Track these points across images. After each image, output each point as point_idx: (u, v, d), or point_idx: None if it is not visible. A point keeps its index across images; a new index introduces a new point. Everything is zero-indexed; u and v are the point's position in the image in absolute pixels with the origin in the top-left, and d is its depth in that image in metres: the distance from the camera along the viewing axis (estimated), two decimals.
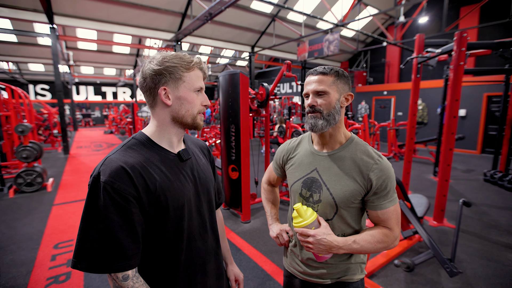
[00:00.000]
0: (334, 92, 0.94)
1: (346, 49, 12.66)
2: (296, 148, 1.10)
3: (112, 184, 0.68)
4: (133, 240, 0.71)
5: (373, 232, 0.92)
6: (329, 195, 0.94)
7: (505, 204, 4.08)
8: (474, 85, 8.12)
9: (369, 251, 0.91)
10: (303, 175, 1.02)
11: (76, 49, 13.34)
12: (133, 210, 0.71)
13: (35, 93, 17.92)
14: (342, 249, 0.88)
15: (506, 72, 5.05)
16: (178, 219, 0.79)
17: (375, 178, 0.89)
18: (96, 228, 0.68)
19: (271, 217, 1.20)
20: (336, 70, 0.95)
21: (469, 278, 2.32)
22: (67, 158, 7.83)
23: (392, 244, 0.92)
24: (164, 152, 0.82)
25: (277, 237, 1.11)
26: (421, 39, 3.93)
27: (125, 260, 0.69)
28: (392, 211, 0.91)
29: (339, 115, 0.95)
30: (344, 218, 0.95)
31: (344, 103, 0.97)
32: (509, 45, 3.43)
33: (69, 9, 7.89)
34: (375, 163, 0.91)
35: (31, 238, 3.03)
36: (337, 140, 0.98)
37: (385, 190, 0.90)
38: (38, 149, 4.72)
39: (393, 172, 0.93)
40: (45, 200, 4.27)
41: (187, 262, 0.83)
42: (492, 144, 7.91)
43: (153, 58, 0.80)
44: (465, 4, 9.02)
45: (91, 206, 0.69)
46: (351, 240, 0.90)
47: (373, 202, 0.92)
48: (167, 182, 0.77)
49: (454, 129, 3.24)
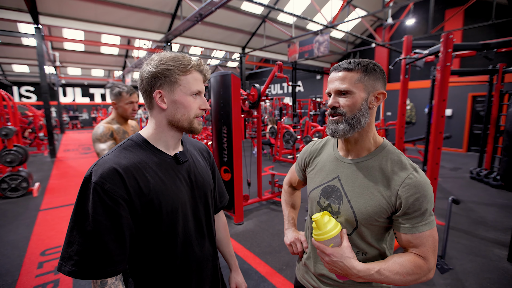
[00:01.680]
0: (360, 91, 0.80)
1: (336, 50, 12.81)
2: (320, 151, 0.99)
3: (102, 185, 0.66)
4: (120, 245, 0.69)
5: (403, 261, 0.75)
6: (349, 208, 0.82)
7: (490, 201, 4.20)
8: (460, 85, 8.36)
9: (396, 284, 0.75)
10: (323, 182, 0.91)
11: (62, 49, 13.01)
12: (123, 213, 0.68)
13: (20, 95, 17.37)
14: (361, 278, 0.76)
15: (490, 73, 5.22)
16: (172, 222, 0.77)
17: (405, 196, 0.75)
18: (83, 230, 0.65)
19: (288, 221, 1.10)
20: (365, 64, 0.80)
21: (459, 274, 2.37)
22: (54, 161, 7.62)
23: (424, 276, 0.75)
24: (160, 154, 0.80)
25: (290, 245, 1.02)
26: (409, 41, 4.01)
27: (111, 265, 0.67)
28: (428, 236, 0.76)
29: (366, 118, 0.81)
30: (364, 236, 0.82)
31: (374, 103, 0.82)
32: (493, 46, 3.54)
33: (55, 9, 7.69)
34: (408, 177, 0.76)
35: (16, 245, 2.92)
36: (365, 146, 0.85)
37: (418, 211, 0.75)
38: (23, 153, 4.57)
39: (431, 189, 0.77)
40: (31, 206, 4.14)
41: (183, 267, 0.81)
42: (478, 142, 8.16)
43: (150, 59, 0.78)
44: (450, 6, 9.28)
45: (80, 207, 0.67)
46: (374, 269, 0.75)
47: (403, 223, 0.77)
48: (161, 185, 0.76)
49: (442, 129, 3.32)
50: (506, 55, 7.43)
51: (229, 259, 1.08)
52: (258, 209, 3.97)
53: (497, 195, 4.49)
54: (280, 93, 17.31)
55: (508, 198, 4.30)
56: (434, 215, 0.79)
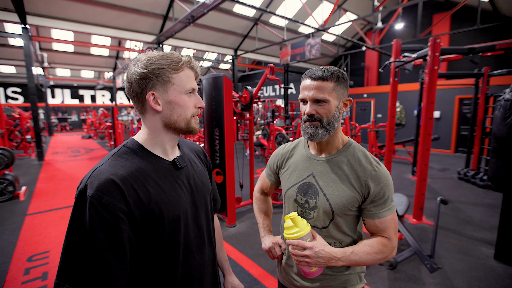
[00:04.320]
0: (334, 99, 0.88)
1: (327, 53, 12.96)
2: (291, 152, 1.05)
3: (100, 198, 0.62)
4: (120, 260, 0.65)
5: (371, 242, 0.87)
6: (325, 201, 0.89)
7: (477, 201, 4.31)
8: (447, 88, 8.57)
9: (368, 263, 0.86)
10: (299, 180, 0.97)
11: (51, 50, 12.76)
12: (123, 227, 0.64)
13: (6, 97, 16.93)
14: (341, 260, 0.84)
15: (476, 76, 5.37)
16: (174, 231, 0.74)
17: (373, 185, 0.86)
18: (80, 247, 0.61)
19: (264, 228, 1.14)
20: (337, 74, 0.87)
21: (448, 273, 2.42)
22: (42, 164, 7.44)
23: (390, 254, 0.87)
24: (158, 161, 0.76)
25: (269, 251, 1.06)
26: (398, 44, 4.10)
27: (111, 282, 0.63)
28: (390, 220, 0.88)
29: (338, 122, 0.91)
30: (340, 226, 0.91)
31: (343, 109, 0.92)
32: (478, 51, 3.65)
33: (43, 9, 7.54)
34: (373, 169, 0.87)
35: (1, 251, 2.83)
36: (334, 145, 0.94)
37: (383, 198, 0.86)
38: (9, 156, 4.45)
39: (391, 180, 0.89)
40: (17, 210, 4.02)
41: (184, 276, 0.78)
42: (465, 144, 8.37)
43: (137, 60, 0.72)
44: (438, 11, 9.53)
45: (75, 223, 0.62)
46: (349, 251, 0.85)
47: (371, 210, 0.88)
48: (161, 193, 0.72)
49: (430, 130, 3.39)
50: (491, 59, 7.67)
51: (222, 263, 1.05)
52: (250, 211, 3.96)
53: (483, 195, 4.60)
54: (273, 95, 17.38)
55: (494, 197, 4.42)
56: (393, 200, 0.90)
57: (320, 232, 0.92)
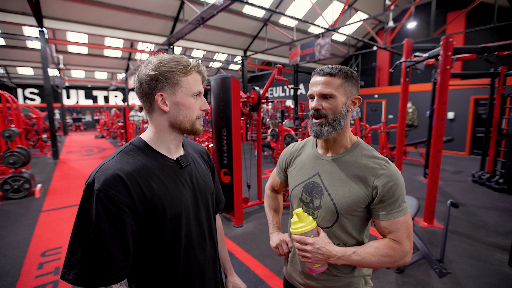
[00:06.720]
0: (341, 96, 0.87)
1: (338, 53, 12.83)
2: (300, 151, 1.06)
3: (106, 192, 0.65)
4: (124, 251, 0.68)
5: (378, 244, 0.84)
6: (330, 200, 0.88)
7: (492, 205, 4.17)
8: (462, 88, 8.33)
9: (373, 265, 0.83)
10: (304, 179, 0.97)
11: (66, 52, 13.15)
12: (127, 220, 0.68)
13: (24, 97, 17.57)
14: (341, 259, 0.83)
15: (492, 76, 5.20)
16: (176, 228, 0.77)
17: (381, 185, 0.83)
18: (86, 237, 0.65)
19: (273, 225, 1.15)
20: (345, 71, 0.88)
21: (459, 278, 2.35)
22: (57, 163, 7.68)
23: (401, 259, 0.82)
24: (163, 159, 0.80)
25: (276, 247, 1.07)
26: (409, 44, 4.02)
27: (115, 272, 0.66)
28: (402, 223, 0.83)
29: (345, 120, 0.90)
30: (345, 227, 0.89)
31: (351, 107, 0.91)
32: (493, 49, 3.53)
33: (59, 13, 7.79)
34: (381, 168, 0.85)
35: (17, 246, 2.95)
36: (342, 144, 0.93)
37: (392, 197, 0.83)
38: (26, 155, 4.62)
39: (402, 179, 0.85)
40: (32, 207, 4.17)
41: (185, 272, 0.81)
42: (480, 146, 8.11)
43: (149, 62, 0.77)
44: (452, 9, 9.27)
45: (83, 215, 0.66)
46: (351, 251, 0.84)
47: (379, 210, 0.84)
48: (164, 190, 0.75)
49: (442, 132, 3.31)
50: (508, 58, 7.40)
51: (224, 263, 1.07)
52: (258, 211, 3.97)
53: (499, 198, 4.45)
54: (282, 95, 17.33)
55: (510, 202, 4.26)
56: (406, 203, 0.86)
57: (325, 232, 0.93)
